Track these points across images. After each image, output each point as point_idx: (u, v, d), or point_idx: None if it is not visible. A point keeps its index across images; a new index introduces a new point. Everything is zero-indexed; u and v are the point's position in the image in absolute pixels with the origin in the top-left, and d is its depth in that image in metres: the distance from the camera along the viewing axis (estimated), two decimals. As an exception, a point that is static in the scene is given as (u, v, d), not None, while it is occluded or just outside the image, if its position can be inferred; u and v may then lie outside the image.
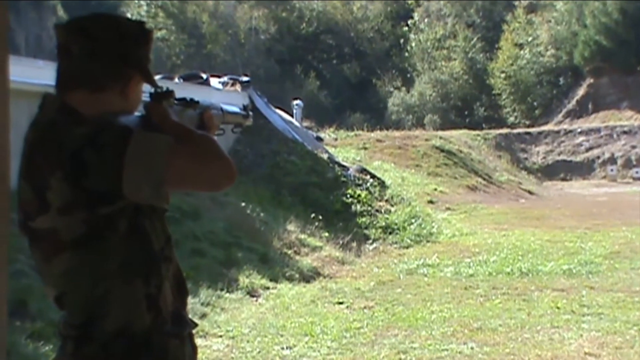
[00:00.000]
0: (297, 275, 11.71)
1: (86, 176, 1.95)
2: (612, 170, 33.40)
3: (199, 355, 2.30)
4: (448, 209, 20.53)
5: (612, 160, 33.92)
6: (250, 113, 3.03)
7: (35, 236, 2.09)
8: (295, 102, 26.36)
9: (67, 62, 2.14)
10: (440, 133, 33.31)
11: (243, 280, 10.42)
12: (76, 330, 2.09)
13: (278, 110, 22.21)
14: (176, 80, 21.95)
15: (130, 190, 1.96)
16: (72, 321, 2.10)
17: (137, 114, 2.19)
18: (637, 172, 32.67)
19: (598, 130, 36.22)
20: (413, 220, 16.93)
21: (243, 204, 14.38)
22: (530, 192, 28.00)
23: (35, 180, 2.03)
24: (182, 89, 18.34)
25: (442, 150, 28.41)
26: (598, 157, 34.27)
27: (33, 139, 2.07)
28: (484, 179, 27.38)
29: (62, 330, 2.14)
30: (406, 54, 56.51)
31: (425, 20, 57.61)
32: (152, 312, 2.10)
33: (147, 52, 2.22)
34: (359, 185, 18.33)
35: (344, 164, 20.28)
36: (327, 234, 14.77)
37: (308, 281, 11.56)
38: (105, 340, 2.06)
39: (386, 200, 18.14)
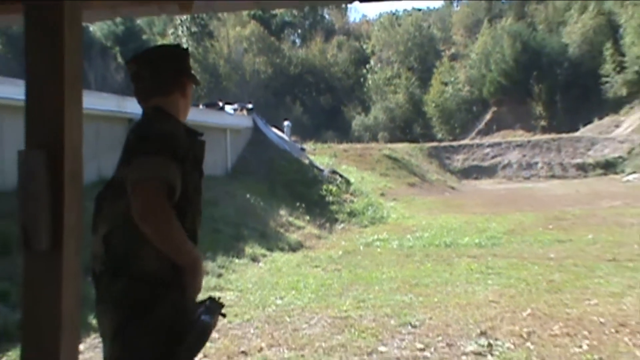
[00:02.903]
0: (286, 247, 11.70)
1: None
2: (509, 172, 33.60)
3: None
4: (394, 199, 20.56)
5: (509, 165, 34.11)
6: None
7: (112, 182, 2.07)
8: (285, 122, 26.22)
9: (142, 84, 2.22)
10: (389, 145, 33.32)
11: (248, 250, 10.40)
12: (112, 263, 1.99)
13: (273, 129, 22.16)
14: (200, 107, 21.82)
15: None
16: (111, 256, 2.00)
17: None
18: (526, 174, 32.91)
19: (499, 144, 36.43)
20: (369, 208, 16.96)
21: (248, 196, 14.35)
22: (452, 188, 28.09)
23: (130, 147, 2.05)
24: (203, 114, 18.24)
25: (390, 158, 28.41)
26: (499, 163, 34.43)
27: (134, 131, 2.11)
28: (420, 178, 27.43)
29: (99, 266, 2.03)
30: (365, 89, 56.93)
31: (379, 65, 58.30)
32: (175, 264, 1.98)
33: (189, 64, 2.34)
34: (331, 182, 18.33)
35: (320, 167, 20.28)
36: (308, 217, 14.76)
37: (294, 251, 11.56)
38: (134, 279, 1.96)
39: (350, 194, 18.16)
